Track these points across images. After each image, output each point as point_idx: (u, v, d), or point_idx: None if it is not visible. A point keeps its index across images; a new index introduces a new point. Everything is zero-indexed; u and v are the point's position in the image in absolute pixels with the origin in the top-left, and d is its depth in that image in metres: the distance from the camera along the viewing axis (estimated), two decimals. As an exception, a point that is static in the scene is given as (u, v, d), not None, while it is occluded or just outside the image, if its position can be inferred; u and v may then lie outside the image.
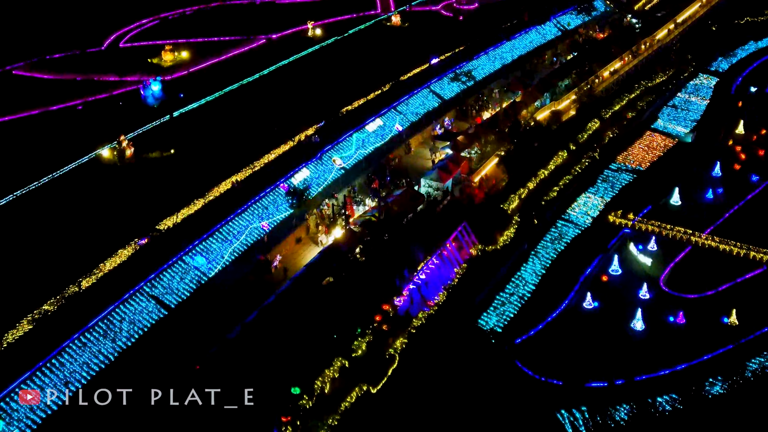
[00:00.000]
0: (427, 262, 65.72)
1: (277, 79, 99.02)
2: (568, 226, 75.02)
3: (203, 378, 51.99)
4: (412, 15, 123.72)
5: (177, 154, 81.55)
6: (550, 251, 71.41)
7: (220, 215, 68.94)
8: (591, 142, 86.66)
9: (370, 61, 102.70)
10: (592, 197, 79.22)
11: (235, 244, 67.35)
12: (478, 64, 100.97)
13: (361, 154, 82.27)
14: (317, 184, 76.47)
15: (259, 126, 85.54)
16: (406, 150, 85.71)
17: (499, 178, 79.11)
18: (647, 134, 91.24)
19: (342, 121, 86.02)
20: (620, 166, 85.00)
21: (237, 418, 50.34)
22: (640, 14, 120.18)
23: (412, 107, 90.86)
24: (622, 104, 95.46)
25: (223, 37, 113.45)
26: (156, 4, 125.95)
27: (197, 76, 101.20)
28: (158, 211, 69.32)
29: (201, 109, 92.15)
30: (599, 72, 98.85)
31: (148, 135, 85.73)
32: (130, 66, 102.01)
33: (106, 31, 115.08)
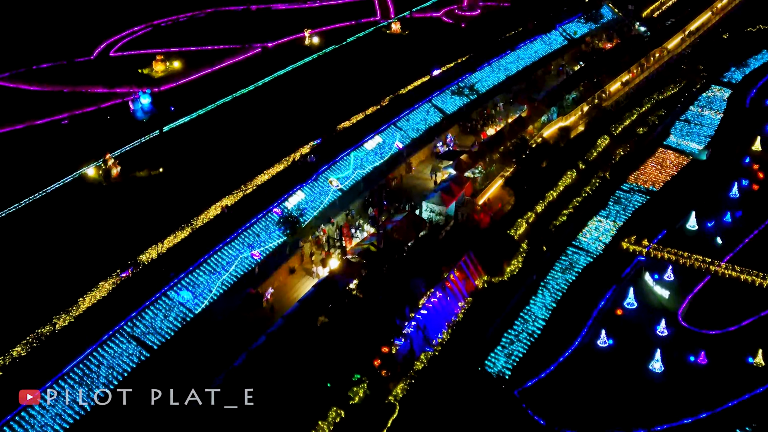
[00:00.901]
0: (429, 296, 60.47)
1: (271, 92, 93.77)
2: (579, 253, 69.66)
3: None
4: (413, 22, 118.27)
5: (165, 172, 76.31)
6: (560, 282, 66.07)
7: (208, 244, 63.74)
8: (601, 161, 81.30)
9: (369, 72, 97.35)
10: (603, 221, 73.85)
11: (224, 276, 62.14)
12: (481, 76, 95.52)
13: (359, 174, 76.97)
14: (312, 208, 71.21)
15: (252, 142, 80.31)
16: (407, 169, 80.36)
17: (504, 200, 73.82)
18: (660, 151, 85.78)
19: (339, 139, 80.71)
20: (632, 186, 79.58)
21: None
22: (649, 22, 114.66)
23: (412, 123, 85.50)
24: (632, 119, 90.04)
25: (217, 45, 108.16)
26: (149, 10, 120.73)
27: (189, 88, 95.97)
28: (143, 239, 64.20)
29: (192, 123, 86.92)
30: (608, 85, 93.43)
31: (137, 151, 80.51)
32: (120, 77, 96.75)
33: (96, 39, 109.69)
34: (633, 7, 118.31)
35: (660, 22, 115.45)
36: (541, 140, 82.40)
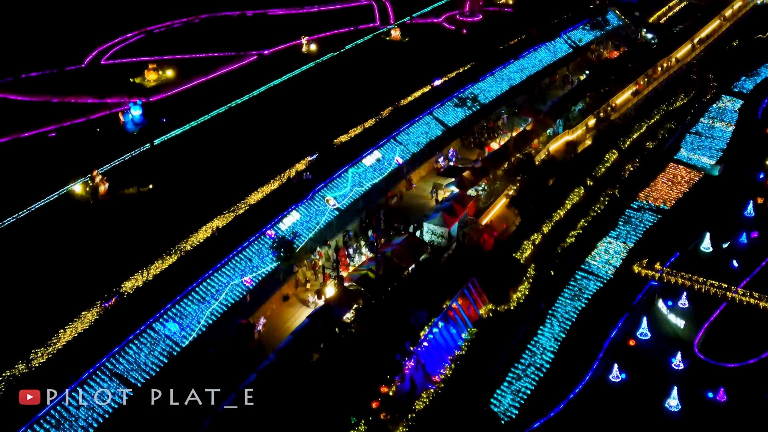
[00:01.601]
0: (431, 327, 56.39)
1: (267, 102, 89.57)
2: (588, 278, 65.52)
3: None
4: (413, 28, 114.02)
5: (155, 189, 72.20)
6: (569, 310, 61.92)
7: (197, 270, 59.68)
8: (610, 177, 77.15)
9: (368, 82, 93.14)
10: (613, 243, 69.70)
11: (213, 305, 58.05)
12: (484, 87, 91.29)
13: (357, 192, 72.86)
14: (308, 229, 67.09)
15: (246, 157, 76.17)
16: (407, 186, 76.24)
17: (509, 220, 69.79)
18: (670, 166, 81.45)
19: (336, 154, 76.59)
20: (642, 204, 75.33)
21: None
22: (656, 28, 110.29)
23: (413, 137, 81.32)
24: (641, 132, 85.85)
25: (211, 53, 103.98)
26: (142, 16, 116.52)
27: (182, 97, 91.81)
28: (129, 263, 60.16)
29: (184, 135, 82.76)
30: (616, 96, 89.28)
31: (126, 166, 76.37)
32: (111, 86, 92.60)
33: (88, 46, 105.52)
34: (639, 14, 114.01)
35: (667, 28, 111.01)
36: (547, 155, 78.35)
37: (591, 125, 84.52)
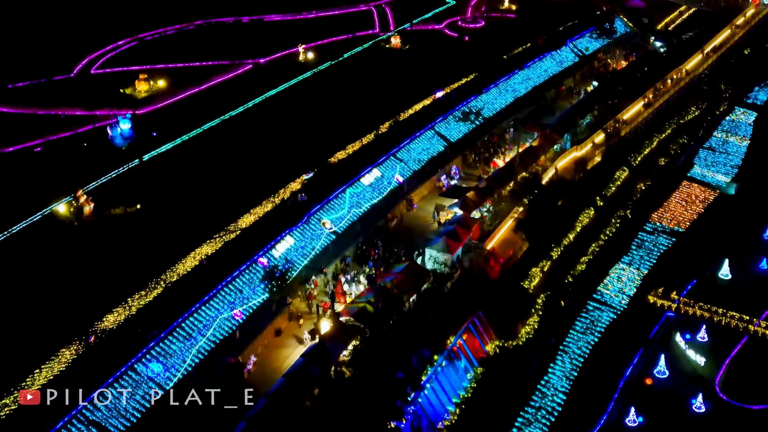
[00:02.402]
0: (434, 366, 51.84)
1: (261, 114, 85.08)
2: (600, 309, 60.86)
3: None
4: (414, 35, 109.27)
5: (142, 210, 67.70)
6: (581, 345, 57.26)
7: (183, 303, 55.06)
8: (621, 197, 72.51)
9: (367, 93, 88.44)
10: (626, 269, 65.07)
11: (200, 342, 53.42)
12: (487, 99, 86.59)
13: (355, 213, 68.23)
14: (303, 255, 62.48)
15: (238, 174, 71.61)
16: (408, 206, 71.59)
17: (516, 245, 65.23)
18: (684, 185, 76.60)
19: (333, 172, 71.96)
20: (656, 226, 70.59)
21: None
22: (664, 36, 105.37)
23: (414, 153, 76.64)
24: (652, 147, 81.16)
25: (205, 61, 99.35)
26: (134, 23, 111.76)
27: (174, 109, 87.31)
28: (112, 294, 55.68)
29: (174, 150, 78.27)
30: (626, 109, 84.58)
31: (113, 184, 71.93)
32: (101, 97, 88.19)
33: (78, 54, 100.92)
34: (647, 21, 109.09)
35: (676, 36, 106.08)
36: (555, 174, 73.75)
37: (600, 140, 79.85)
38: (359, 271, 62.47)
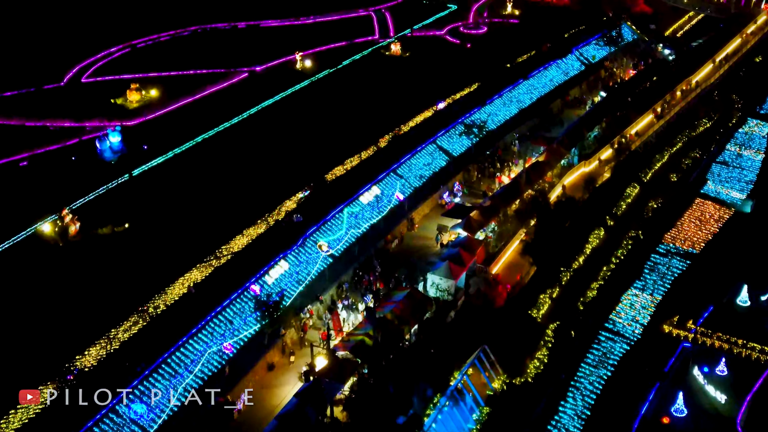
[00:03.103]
0: (437, 408, 47.77)
1: (256, 126, 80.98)
2: (613, 339, 56.65)
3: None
4: (415, 41, 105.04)
5: (131, 229, 63.68)
6: (594, 381, 53.03)
7: (169, 337, 51.09)
8: (632, 216, 68.34)
9: (366, 103, 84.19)
10: (639, 295, 60.87)
11: (188, 379, 49.42)
12: (491, 110, 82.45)
13: (353, 234, 64.20)
14: (298, 282, 58.44)
15: (231, 192, 67.52)
16: (409, 226, 67.48)
17: (523, 269, 61.16)
18: (697, 202, 72.15)
19: (330, 189, 67.86)
20: (669, 248, 66.33)
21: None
22: (673, 43, 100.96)
23: (415, 169, 72.54)
24: (663, 161, 76.92)
25: (199, 69, 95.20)
26: (128, 29, 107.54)
27: (166, 120, 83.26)
28: (93, 328, 51.67)
29: (165, 164, 74.28)
30: (636, 122, 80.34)
31: (102, 200, 67.97)
32: (91, 107, 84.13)
33: (69, 62, 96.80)
34: (655, 27, 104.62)
35: (685, 43, 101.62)
36: (562, 191, 69.62)
37: (609, 155, 75.69)
38: (357, 298, 58.41)
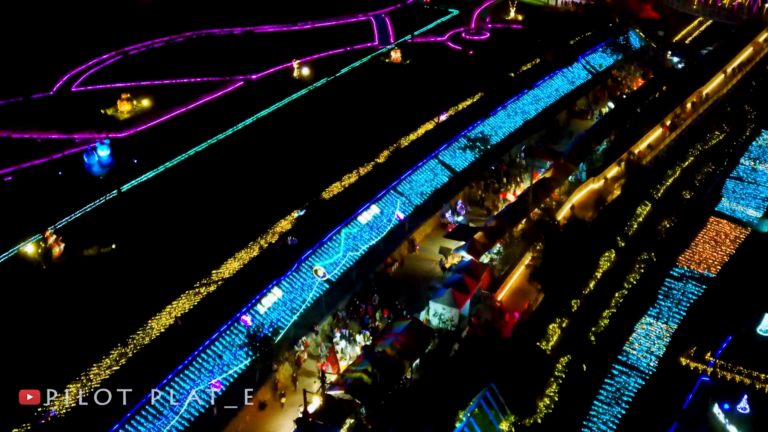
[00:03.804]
0: (440, 453, 43.96)
1: (251, 138, 76.97)
2: (627, 373, 52.67)
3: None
4: (415, 48, 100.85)
5: (117, 250, 59.76)
6: (607, 420, 48.97)
7: (153, 375, 47.22)
8: (644, 236, 64.32)
9: (365, 115, 79.99)
10: (654, 323, 56.88)
11: (172, 422, 45.55)
12: (495, 123, 78.35)
13: (351, 258, 60.20)
14: (292, 310, 54.52)
15: (223, 211, 63.52)
16: (410, 247, 63.46)
17: (530, 295, 57.19)
18: (712, 221, 68.09)
19: (327, 208, 63.81)
20: (684, 271, 62.40)
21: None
22: (682, 50, 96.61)
23: (416, 185, 68.56)
24: (675, 177, 72.83)
25: (193, 78, 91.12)
26: (120, 35, 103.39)
27: (158, 132, 79.24)
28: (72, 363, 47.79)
29: (156, 179, 70.29)
30: (646, 135, 76.20)
31: (88, 218, 64.04)
32: (80, 118, 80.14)
33: (60, 70, 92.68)
34: (663, 34, 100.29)
35: (694, 50, 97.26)
36: (571, 211, 65.63)
37: (618, 171, 71.65)
38: (355, 327, 54.43)
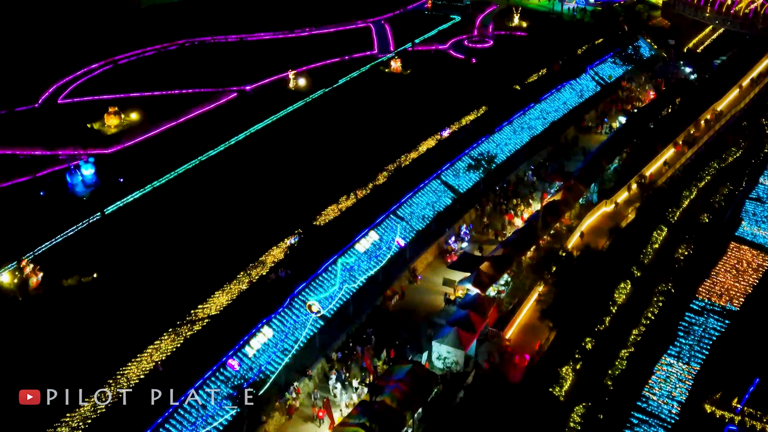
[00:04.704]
0: None
1: (243, 155, 72.24)
2: (648, 422, 47.77)
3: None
4: (416, 56, 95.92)
5: (99, 280, 55.00)
6: (627, 479, 44.58)
7: (129, 430, 42.47)
8: (660, 264, 59.40)
9: (363, 130, 74.97)
10: (674, 364, 51.95)
11: (150, 486, 40.88)
12: (500, 139, 73.41)
13: (348, 290, 55.32)
14: (283, 352, 49.66)
15: (210, 240, 58.59)
16: (411, 277, 58.56)
17: (542, 334, 52.36)
18: (732, 247, 63.11)
19: (322, 235, 58.87)
20: (704, 304, 57.54)
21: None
22: (694, 60, 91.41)
23: (417, 208, 63.62)
24: (691, 198, 67.90)
25: (185, 89, 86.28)
26: (110, 42, 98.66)
27: (146, 147, 74.49)
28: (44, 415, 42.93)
29: (142, 200, 65.47)
30: (660, 154, 71.29)
31: (68, 244, 59.25)
32: (66, 133, 75.48)
33: (47, 80, 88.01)
34: (674, 42, 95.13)
35: (706, 60, 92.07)
36: (581, 238, 60.77)
37: (632, 193, 66.75)
38: (354, 372, 49.55)
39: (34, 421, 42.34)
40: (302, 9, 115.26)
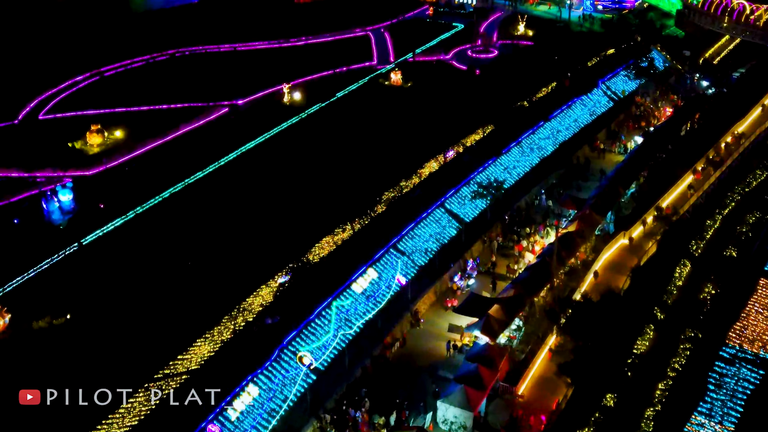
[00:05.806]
0: None
1: (232, 178, 66.44)
2: (679, 498, 42.29)
3: None
4: (417, 67, 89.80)
5: (71, 321, 49.51)
6: None
7: None
8: (685, 305, 53.38)
9: (361, 151, 68.68)
10: (706, 425, 46.12)
11: None
12: (508, 162, 67.27)
13: (344, 336, 49.33)
14: (270, 413, 43.70)
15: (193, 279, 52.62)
16: (413, 321, 52.53)
17: (557, 386, 46.42)
18: (762, 284, 57.33)
19: (314, 273, 52.79)
20: (735, 351, 51.62)
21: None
22: (711, 72, 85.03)
23: (419, 241, 57.50)
24: (715, 227, 61.89)
25: (173, 104, 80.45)
26: (97, 53, 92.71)
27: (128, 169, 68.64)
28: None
29: (123, 228, 59.83)
30: (681, 179, 65.24)
31: (40, 280, 53.70)
32: (45, 152, 70.07)
33: (27, 94, 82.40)
34: (689, 53, 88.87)
35: (724, 72, 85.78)
36: (597, 276, 54.78)
37: (651, 224, 60.71)
38: None
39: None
40: (298, 16, 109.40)
